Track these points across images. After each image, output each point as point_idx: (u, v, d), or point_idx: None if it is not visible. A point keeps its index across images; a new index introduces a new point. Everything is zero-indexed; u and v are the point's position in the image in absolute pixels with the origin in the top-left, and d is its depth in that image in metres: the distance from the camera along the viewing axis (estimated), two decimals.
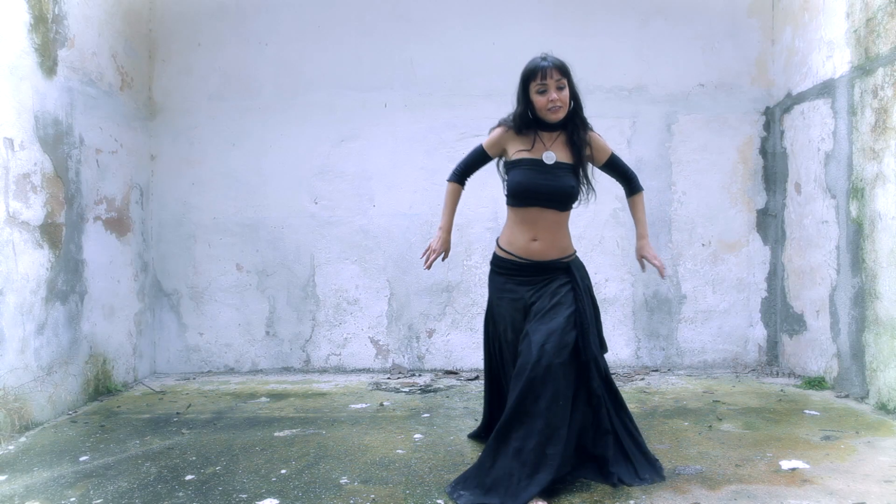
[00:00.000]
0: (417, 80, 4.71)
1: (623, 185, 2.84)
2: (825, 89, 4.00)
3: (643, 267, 2.83)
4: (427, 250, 2.73)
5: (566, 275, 2.60)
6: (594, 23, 4.71)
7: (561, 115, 2.54)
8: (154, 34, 4.79)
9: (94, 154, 4.05)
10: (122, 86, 4.39)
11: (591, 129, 2.66)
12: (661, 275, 2.70)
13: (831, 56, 3.93)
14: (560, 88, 2.51)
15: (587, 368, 2.49)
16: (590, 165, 2.70)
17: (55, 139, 3.66)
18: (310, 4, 4.77)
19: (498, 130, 2.66)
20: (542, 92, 2.51)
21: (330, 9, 4.76)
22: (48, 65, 3.61)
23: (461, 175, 2.76)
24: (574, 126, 2.60)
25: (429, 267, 2.72)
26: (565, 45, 4.73)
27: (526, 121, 2.58)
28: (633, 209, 2.83)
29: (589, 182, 2.67)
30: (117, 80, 4.34)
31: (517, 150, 2.60)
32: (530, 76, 2.52)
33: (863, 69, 3.63)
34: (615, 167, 2.77)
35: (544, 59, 2.53)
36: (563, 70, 2.51)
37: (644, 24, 4.71)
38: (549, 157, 2.56)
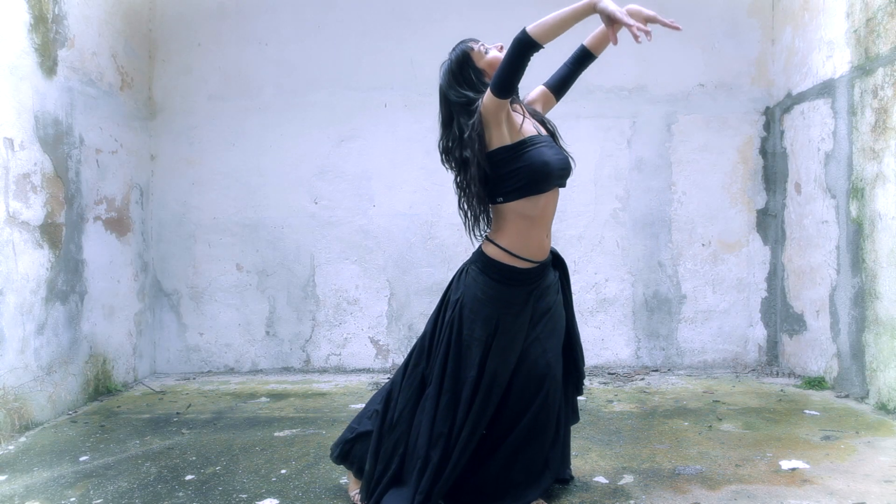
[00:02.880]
0: (417, 80, 4.71)
1: (579, 63, 2.39)
2: (825, 89, 4.00)
3: (648, 33, 2.05)
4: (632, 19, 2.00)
5: (554, 266, 2.35)
6: (594, 23, 4.69)
7: None
8: (154, 34, 4.79)
9: (94, 154, 4.05)
10: (122, 86, 4.39)
11: None
12: (674, 26, 2.06)
13: (831, 56, 3.93)
14: None
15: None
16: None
17: (55, 139, 3.66)
18: (310, 4, 4.77)
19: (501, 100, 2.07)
20: (488, 51, 2.25)
21: (330, 9, 4.76)
22: (48, 65, 3.61)
23: None
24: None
25: (642, 38, 2.00)
26: (565, 45, 4.73)
27: None
28: (593, 40, 2.39)
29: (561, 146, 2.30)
30: (117, 80, 4.34)
31: (520, 128, 2.16)
32: (468, 49, 2.23)
33: (863, 69, 3.63)
34: (560, 79, 2.40)
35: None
36: None
37: (644, 23, 4.70)
38: (538, 129, 2.23)
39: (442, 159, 2.29)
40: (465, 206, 2.24)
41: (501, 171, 2.14)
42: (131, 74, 4.51)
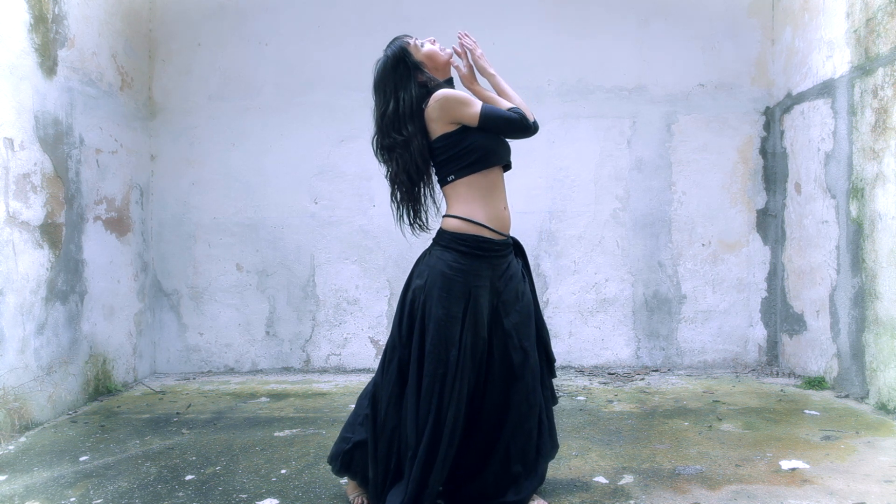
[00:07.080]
0: None
1: None
2: (825, 89, 4.00)
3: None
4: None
5: (515, 254, 2.39)
6: (594, 23, 4.71)
7: None
8: (154, 34, 4.79)
9: (94, 154, 4.05)
10: (122, 86, 4.39)
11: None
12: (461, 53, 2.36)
13: (831, 56, 3.93)
14: None
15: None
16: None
17: (55, 139, 3.66)
18: (310, 4, 4.77)
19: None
20: (423, 45, 2.31)
21: (330, 9, 4.76)
22: (48, 65, 3.61)
23: None
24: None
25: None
26: (565, 45, 4.76)
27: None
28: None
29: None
30: (117, 80, 4.34)
31: None
32: (404, 44, 2.29)
33: (863, 69, 3.63)
34: None
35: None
36: None
37: (644, 24, 4.71)
38: None
39: (377, 153, 2.34)
40: (399, 198, 2.34)
41: (452, 153, 2.23)
42: (131, 74, 4.51)
